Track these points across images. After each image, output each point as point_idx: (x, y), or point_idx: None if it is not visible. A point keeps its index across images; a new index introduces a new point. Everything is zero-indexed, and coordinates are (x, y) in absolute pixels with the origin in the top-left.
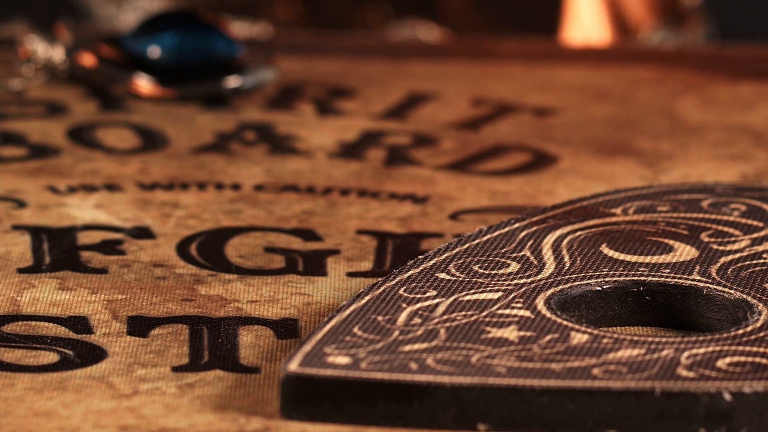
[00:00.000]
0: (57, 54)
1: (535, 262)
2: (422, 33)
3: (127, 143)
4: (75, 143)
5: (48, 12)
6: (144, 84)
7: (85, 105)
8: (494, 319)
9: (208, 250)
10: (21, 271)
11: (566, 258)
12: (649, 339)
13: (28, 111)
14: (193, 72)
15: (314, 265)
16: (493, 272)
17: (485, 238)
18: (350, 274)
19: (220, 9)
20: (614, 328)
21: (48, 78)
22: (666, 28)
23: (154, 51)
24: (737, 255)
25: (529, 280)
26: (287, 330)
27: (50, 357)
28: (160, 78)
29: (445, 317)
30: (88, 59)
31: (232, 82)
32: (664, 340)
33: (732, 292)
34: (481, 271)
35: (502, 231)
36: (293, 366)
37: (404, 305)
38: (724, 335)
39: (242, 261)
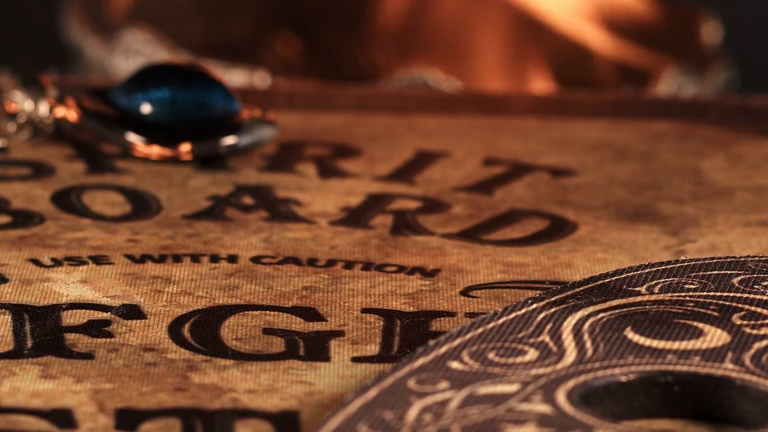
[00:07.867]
0: (42, 109)
1: (555, 349)
2: (431, 81)
3: (115, 209)
4: (60, 209)
5: (37, 57)
6: (133, 143)
7: (72, 165)
8: (511, 416)
9: (203, 331)
10: (0, 356)
11: (588, 344)
12: None
13: (11, 172)
14: (187, 129)
15: (316, 348)
16: (510, 361)
17: (500, 321)
18: (355, 359)
19: (218, 51)
20: (640, 421)
21: (32, 134)
22: (686, 74)
23: (145, 106)
24: None
25: (548, 370)
26: (287, 424)
27: None
28: (151, 136)
29: (459, 413)
30: (74, 115)
31: (229, 140)
32: None
33: (767, 382)
34: (497, 359)
35: (519, 313)
36: None
37: (414, 400)
38: None
39: (239, 344)
